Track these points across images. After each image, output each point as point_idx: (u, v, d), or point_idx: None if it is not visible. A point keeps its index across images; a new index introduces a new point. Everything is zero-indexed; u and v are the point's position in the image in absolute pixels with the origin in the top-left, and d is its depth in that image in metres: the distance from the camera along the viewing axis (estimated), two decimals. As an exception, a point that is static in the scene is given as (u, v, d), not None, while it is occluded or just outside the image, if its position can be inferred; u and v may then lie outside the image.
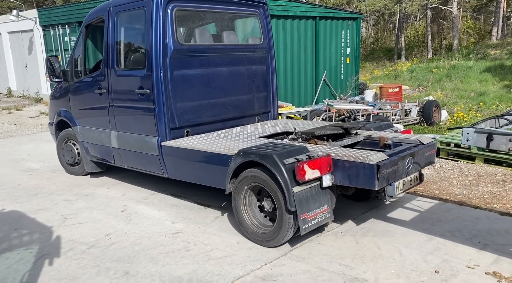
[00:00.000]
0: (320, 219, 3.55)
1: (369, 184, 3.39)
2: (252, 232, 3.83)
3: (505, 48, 19.54)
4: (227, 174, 3.90)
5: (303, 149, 3.71)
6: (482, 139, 3.03)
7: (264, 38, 5.61)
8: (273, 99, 5.85)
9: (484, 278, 3.14)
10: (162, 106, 4.57)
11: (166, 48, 4.53)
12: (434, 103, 10.02)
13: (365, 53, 33.69)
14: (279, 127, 5.12)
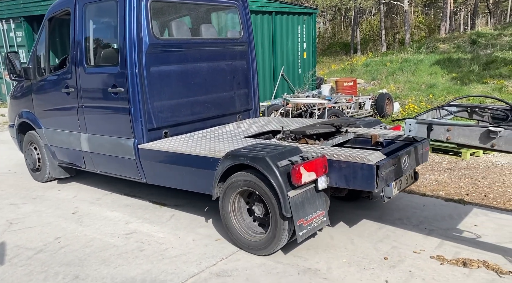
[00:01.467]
0: (316, 224, 3.30)
1: (368, 185, 3.17)
2: (243, 240, 3.55)
3: (453, 42, 20.52)
4: (214, 178, 3.60)
5: (296, 149, 3.47)
6: (423, 129, 3.17)
7: (243, 31, 5.40)
8: (255, 96, 5.64)
9: (429, 262, 3.29)
10: (138, 106, 4.25)
11: (141, 43, 4.23)
12: (387, 95, 10.37)
13: (323, 47, 34.33)
14: (263, 126, 4.90)
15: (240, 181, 3.45)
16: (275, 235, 3.30)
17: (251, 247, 3.50)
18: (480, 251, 3.41)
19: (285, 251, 3.55)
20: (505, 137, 2.78)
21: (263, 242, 3.40)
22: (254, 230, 3.56)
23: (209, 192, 3.76)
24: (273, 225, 3.30)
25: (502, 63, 15.48)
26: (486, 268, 3.14)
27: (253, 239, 3.50)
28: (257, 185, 3.32)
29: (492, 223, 3.94)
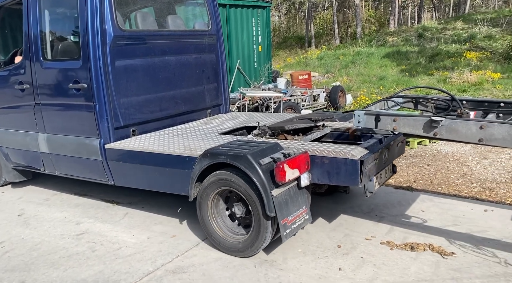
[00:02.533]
0: (300, 222, 3.20)
1: (352, 181, 3.09)
2: (223, 242, 3.41)
3: (401, 35, 21.35)
4: (191, 178, 3.44)
5: (277, 146, 3.34)
6: (371, 120, 3.27)
7: (212, 23, 5.24)
8: (225, 91, 5.50)
9: (379, 248, 3.43)
10: (104, 103, 3.99)
11: (105, 35, 3.96)
12: (340, 88, 10.65)
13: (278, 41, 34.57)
14: (236, 122, 4.77)
15: (219, 181, 3.29)
16: (258, 236, 3.17)
17: (231, 249, 3.37)
18: (426, 235, 3.59)
19: (241, 244, 3.56)
20: (446, 126, 2.93)
21: (245, 244, 3.27)
22: (234, 231, 3.43)
23: (185, 193, 3.57)
24: (256, 225, 3.16)
25: (446, 56, 16.33)
26: (431, 251, 3.32)
27: (234, 240, 3.36)
28: (238, 184, 3.17)
29: (437, 208, 4.16)
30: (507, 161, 5.48)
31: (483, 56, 15.52)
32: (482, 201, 4.28)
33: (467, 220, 3.83)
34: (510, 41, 16.40)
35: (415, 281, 2.91)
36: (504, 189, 4.54)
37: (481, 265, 3.07)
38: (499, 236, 3.50)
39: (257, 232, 3.17)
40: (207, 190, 3.39)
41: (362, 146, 3.33)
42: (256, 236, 3.19)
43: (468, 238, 3.51)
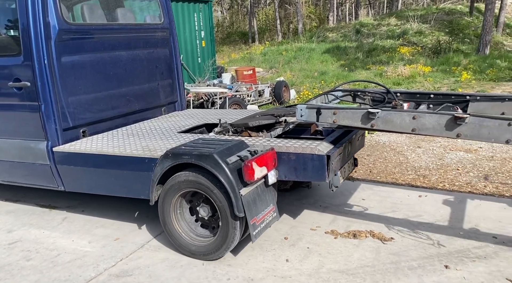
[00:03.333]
0: (268, 221, 3.13)
1: (319, 176, 3.10)
2: (189, 247, 3.27)
3: (340, 31, 22.13)
4: (151, 180, 3.25)
5: (242, 144, 3.26)
6: (313, 114, 3.34)
7: (164, 17, 5.00)
8: (179, 87, 5.28)
9: (324, 237, 3.53)
10: (50, 102, 3.68)
11: (49, 28, 3.66)
12: (283, 83, 10.81)
13: (222, 36, 34.42)
14: (194, 119, 4.61)
15: (183, 182, 3.14)
16: (226, 237, 3.06)
17: (197, 252, 3.24)
18: (368, 222, 3.76)
19: (188, 242, 3.50)
20: (382, 117, 3.06)
21: (212, 246, 3.16)
22: (200, 234, 3.30)
23: (145, 197, 3.38)
24: (224, 227, 3.05)
25: (381, 51, 17.17)
26: (372, 237, 3.47)
27: (200, 243, 3.24)
28: (204, 185, 3.05)
29: (377, 196, 4.36)
30: (438, 149, 5.88)
31: (415, 51, 16.52)
32: (417, 188, 4.55)
33: (404, 206, 4.06)
34: (438, 37, 17.60)
35: (358, 267, 3.03)
36: (436, 175, 4.87)
37: (417, 248, 3.26)
38: (433, 219, 3.75)
39: (225, 233, 3.06)
40: (169, 193, 3.23)
41: (327, 141, 3.34)
42: (224, 237, 3.08)
43: (405, 223, 3.72)
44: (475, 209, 3.90)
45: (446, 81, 11.84)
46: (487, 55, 14.81)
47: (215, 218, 3.23)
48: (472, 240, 3.33)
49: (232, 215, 2.98)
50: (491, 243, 3.26)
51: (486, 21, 15.08)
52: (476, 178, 4.69)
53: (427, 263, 3.04)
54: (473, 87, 10.75)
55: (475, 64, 13.42)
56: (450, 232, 3.48)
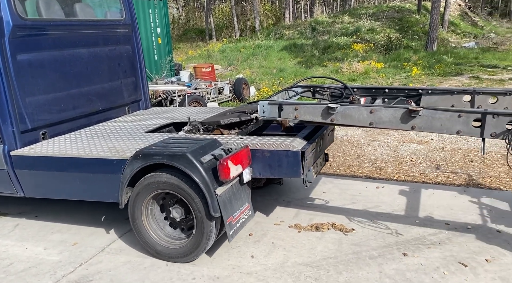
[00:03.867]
0: (244, 219, 3.08)
1: (294, 172, 3.09)
2: (162, 250, 3.15)
3: (296, 29, 22.43)
4: (120, 183, 3.12)
5: (215, 142, 3.19)
6: (275, 110, 3.37)
7: (126, 13, 4.80)
8: (143, 85, 5.09)
9: (288, 232, 3.57)
10: (6, 103, 3.47)
11: (2, 24, 3.45)
12: (243, 80, 10.81)
13: (178, 33, 33.83)
14: (160, 118, 4.46)
15: (154, 183, 3.03)
16: (202, 238, 2.99)
17: (172, 255, 3.14)
18: (329, 215, 3.85)
19: (151, 244, 3.43)
20: (341, 112, 3.14)
21: (187, 248, 3.07)
22: (174, 237, 3.20)
23: (114, 200, 3.23)
24: (199, 228, 2.98)
25: (336, 48, 17.59)
26: (334, 229, 3.56)
27: (174, 246, 3.14)
28: (177, 186, 2.95)
29: (337, 189, 4.47)
30: (392, 141, 6.11)
31: (368, 47, 17.06)
32: (374, 179, 4.71)
33: (363, 198, 4.19)
34: (389, 34, 18.28)
35: (321, 259, 3.10)
36: (391, 167, 5.06)
37: (377, 238, 3.38)
38: (390, 209, 3.90)
39: (200, 234, 2.99)
40: (140, 195, 3.11)
41: (300, 137, 3.34)
42: (199, 238, 3.00)
43: (364, 214, 3.84)
44: (429, 198, 4.09)
45: (397, 76, 12.33)
46: (434, 51, 15.58)
47: (189, 219, 3.15)
48: (427, 227, 3.50)
49: (207, 215, 2.91)
50: (444, 230, 3.44)
51: (433, 18, 15.86)
52: (429, 169, 4.93)
53: (387, 252, 3.15)
54: (423, 82, 11.27)
55: (424, 60, 14.07)
56: (407, 221, 3.64)
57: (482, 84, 10.42)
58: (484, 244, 3.17)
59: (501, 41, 18.89)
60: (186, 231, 3.20)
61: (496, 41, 18.76)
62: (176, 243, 3.15)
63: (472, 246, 3.16)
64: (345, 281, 2.82)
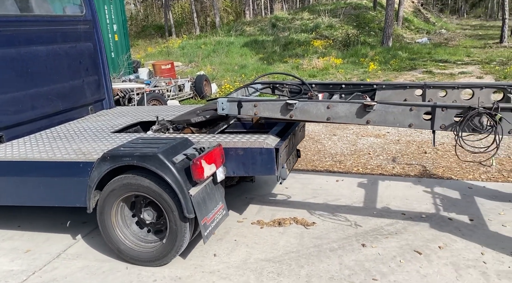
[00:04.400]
0: (218, 219, 3.01)
1: (268, 170, 3.05)
2: (135, 254, 3.04)
3: (257, 25, 22.48)
4: (88, 187, 2.97)
5: (186, 141, 3.10)
6: (234, 107, 3.36)
7: (86, 8, 4.58)
8: (107, 83, 4.89)
9: (250, 228, 3.58)
10: None
11: None
12: (204, 77, 10.71)
13: (137, 30, 33.01)
14: (126, 117, 4.31)
15: (124, 186, 2.92)
16: (176, 240, 2.90)
17: (146, 259, 3.03)
18: (291, 210, 3.89)
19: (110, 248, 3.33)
20: (299, 108, 3.17)
21: (161, 251, 2.97)
22: (146, 240, 3.10)
23: (81, 204, 3.07)
24: (172, 230, 2.89)
25: (297, 44, 17.80)
26: (296, 224, 3.60)
27: (147, 250, 3.04)
28: (148, 187, 2.86)
29: (299, 184, 4.53)
30: (351, 136, 6.27)
31: (327, 44, 17.39)
32: (334, 173, 4.81)
33: (324, 191, 4.27)
34: (347, 30, 18.71)
35: (284, 254, 3.13)
36: (350, 161, 5.19)
37: (337, 230, 3.46)
38: (349, 202, 3.99)
39: (174, 236, 2.91)
40: (109, 198, 2.99)
41: (272, 133, 3.32)
42: (173, 241, 2.92)
43: (325, 207, 3.91)
44: (385, 189, 4.23)
45: (356, 72, 12.66)
46: (390, 47, 16.11)
47: (161, 221, 3.07)
48: (385, 218, 3.62)
49: (181, 217, 2.84)
50: (400, 220, 3.57)
51: (388, 15, 16.38)
52: (385, 161, 5.09)
53: (346, 244, 3.23)
54: (379, 77, 11.63)
55: (380, 56, 14.51)
56: (365, 213, 3.74)
57: (434, 78, 10.89)
58: (437, 232, 3.32)
59: (452, 36, 19.82)
60: (159, 233, 3.12)
61: (447, 37, 19.66)
62: (149, 247, 3.06)
63: (426, 234, 3.30)
64: (307, 274, 2.86)
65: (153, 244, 3.06)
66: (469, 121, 2.68)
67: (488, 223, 3.41)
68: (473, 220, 3.48)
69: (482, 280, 2.68)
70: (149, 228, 3.15)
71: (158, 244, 3.03)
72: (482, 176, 4.41)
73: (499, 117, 2.61)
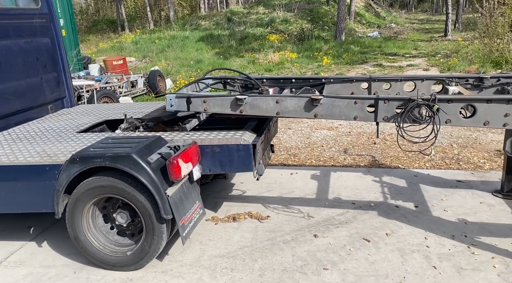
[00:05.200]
0: (196, 219, 2.94)
1: (246, 166, 3.01)
2: (109, 259, 2.91)
3: (212, 19, 22.26)
4: (56, 191, 2.81)
5: (160, 140, 2.99)
6: (183, 103, 3.31)
7: (41, 1, 4.31)
8: (67, 81, 4.63)
9: (205, 225, 3.56)
10: None
11: None
12: (158, 72, 10.48)
13: (87, 25, 31.75)
14: (90, 116, 4.10)
15: (95, 189, 2.79)
16: (152, 242, 2.80)
17: (119, 264, 2.91)
18: (246, 204, 3.91)
19: (60, 252, 3.20)
20: (249, 103, 3.18)
21: (137, 254, 2.86)
22: (120, 244, 2.97)
23: (48, 210, 2.89)
24: (149, 232, 2.79)
25: (253, 39, 17.81)
26: (250, 218, 3.62)
27: (121, 254, 2.92)
28: (122, 189, 2.74)
29: (254, 178, 4.54)
30: (306, 129, 6.38)
31: (283, 38, 17.54)
32: (289, 166, 4.88)
33: (278, 185, 4.32)
34: (302, 25, 18.96)
35: (238, 249, 3.14)
36: (304, 153, 5.28)
37: (290, 222, 3.51)
38: (303, 194, 4.07)
39: (151, 238, 2.80)
40: (79, 202, 2.84)
41: (248, 129, 3.26)
42: (149, 243, 2.81)
43: (279, 200, 3.96)
44: (337, 180, 4.35)
45: (310, 66, 12.87)
46: (343, 41, 16.51)
47: (136, 224, 2.97)
48: (336, 208, 3.72)
49: (158, 218, 2.75)
50: (350, 209, 3.68)
51: (340, 10, 16.76)
52: (337, 153, 5.23)
53: (299, 235, 3.29)
54: (333, 71, 11.89)
55: (333, 50, 14.83)
56: (318, 204, 3.83)
57: (384, 71, 11.29)
58: (385, 219, 3.46)
59: (401, 30, 20.62)
60: (133, 236, 3.01)
61: (396, 31, 20.44)
62: (124, 251, 2.93)
63: (375, 222, 3.43)
64: (260, 268, 2.89)
65: (128, 247, 2.94)
66: (409, 113, 2.80)
67: (432, 208, 3.59)
68: (418, 206, 3.65)
69: (425, 264, 2.82)
70: (123, 232, 3.04)
71: (133, 247, 2.91)
72: (426, 164, 4.64)
73: (437, 108, 2.75)
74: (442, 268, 2.76)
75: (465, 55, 12.18)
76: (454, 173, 4.34)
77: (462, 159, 4.76)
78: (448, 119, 2.79)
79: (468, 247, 2.98)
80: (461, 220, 3.37)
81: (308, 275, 2.78)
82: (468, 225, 3.29)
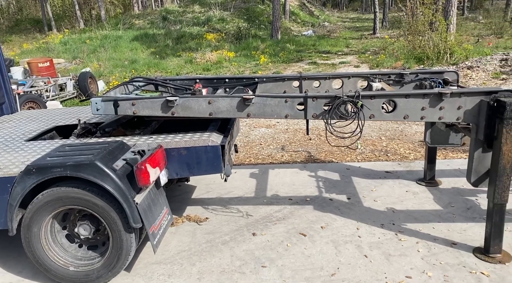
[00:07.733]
0: (165, 225, 2.83)
1: (215, 168, 2.93)
2: (71, 275, 2.71)
3: (146, 18, 21.63)
4: (9, 205, 2.59)
5: (122, 145, 2.84)
6: (110, 106, 3.17)
7: None
8: (5, 85, 4.23)
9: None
10: None
11: None
12: (88, 74, 9.98)
13: (9, 24, 29.47)
14: (36, 123, 3.82)
15: (54, 201, 2.59)
16: (121, 253, 2.65)
17: (83, 279, 2.72)
18: (185, 207, 3.84)
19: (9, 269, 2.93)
20: (181, 104, 3.11)
21: (103, 267, 2.69)
22: (84, 257, 2.79)
23: (0, 227, 2.68)
24: (116, 243, 2.63)
25: (190, 38, 17.58)
26: (189, 221, 3.57)
27: (87, 268, 2.73)
28: (86, 200, 2.57)
29: (193, 180, 4.46)
30: (245, 127, 6.40)
31: (220, 37, 17.49)
32: (227, 166, 4.87)
33: (217, 186, 4.30)
34: (238, 24, 19.03)
35: (175, 254, 3.08)
36: (243, 152, 5.30)
37: (229, 222, 3.51)
38: (242, 193, 4.08)
39: (118, 249, 2.65)
40: (36, 217, 2.63)
41: (212, 130, 3.18)
42: (117, 255, 2.66)
43: (218, 201, 3.94)
44: (275, 177, 4.42)
45: (248, 64, 12.95)
46: (279, 40, 16.82)
47: (100, 236, 2.80)
48: (274, 205, 3.78)
49: (125, 227, 2.61)
50: (288, 205, 3.76)
51: (275, 9, 17.05)
52: (275, 150, 5.32)
53: (238, 235, 3.30)
54: (270, 69, 12.07)
55: (270, 48, 15.06)
56: (256, 202, 3.86)
57: (318, 69, 11.66)
58: (320, 213, 3.57)
59: (333, 29, 21.43)
60: (97, 248, 2.84)
61: (329, 29, 21.21)
62: (89, 264, 2.76)
63: (310, 216, 3.53)
64: (198, 271, 2.85)
65: (93, 261, 2.78)
66: (336, 109, 2.91)
67: (363, 200, 3.77)
68: (350, 198, 3.81)
69: (357, 253, 2.95)
70: (86, 244, 2.85)
71: (99, 260, 2.76)
72: (358, 157, 4.86)
73: (361, 104, 2.88)
74: (372, 256, 2.91)
75: (392, 51, 12.93)
76: (383, 164, 4.59)
77: (390, 150, 5.05)
78: (372, 114, 2.93)
79: (396, 234, 3.17)
80: (389, 209, 3.57)
81: (246, 274, 2.79)
82: (396, 213, 3.50)
